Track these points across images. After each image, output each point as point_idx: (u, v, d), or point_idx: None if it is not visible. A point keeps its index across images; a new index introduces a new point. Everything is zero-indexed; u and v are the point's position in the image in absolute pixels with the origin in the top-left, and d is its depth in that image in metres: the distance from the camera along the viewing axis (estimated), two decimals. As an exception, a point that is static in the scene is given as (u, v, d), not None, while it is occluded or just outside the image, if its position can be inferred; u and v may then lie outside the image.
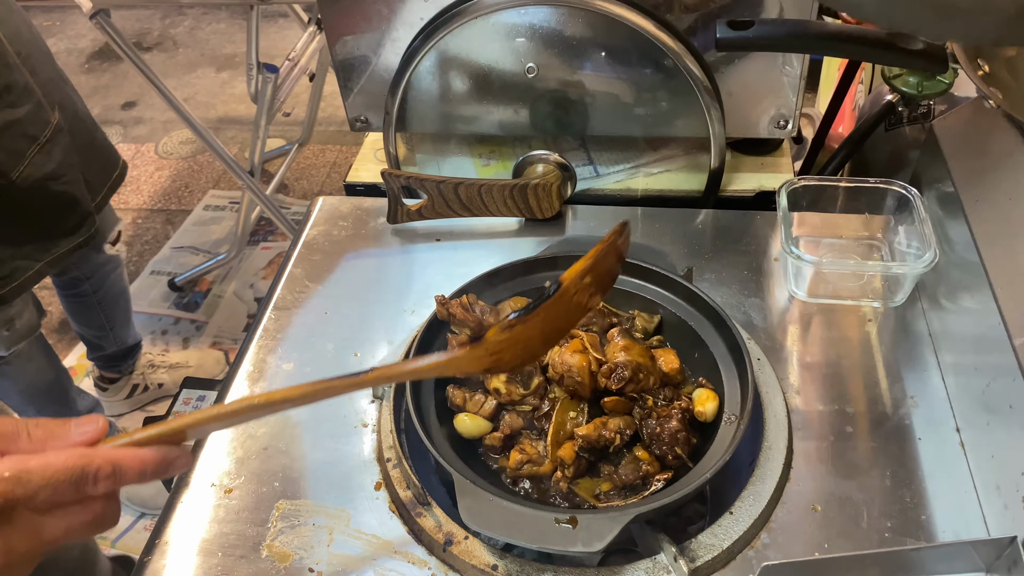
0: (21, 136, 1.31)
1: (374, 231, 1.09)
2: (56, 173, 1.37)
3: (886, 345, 0.89)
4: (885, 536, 0.73)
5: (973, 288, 0.81)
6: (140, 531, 1.89)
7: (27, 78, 1.34)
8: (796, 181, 0.98)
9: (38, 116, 1.34)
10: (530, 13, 1.02)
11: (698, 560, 0.70)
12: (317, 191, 2.87)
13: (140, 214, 2.80)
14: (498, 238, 1.07)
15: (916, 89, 1.11)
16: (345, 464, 0.81)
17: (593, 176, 1.18)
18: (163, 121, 3.19)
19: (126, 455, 0.54)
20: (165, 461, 0.56)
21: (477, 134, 1.19)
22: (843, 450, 0.80)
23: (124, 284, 1.95)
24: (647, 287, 0.88)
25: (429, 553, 0.73)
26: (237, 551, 0.75)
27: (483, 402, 0.79)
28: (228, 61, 3.56)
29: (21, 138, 1.31)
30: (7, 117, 1.28)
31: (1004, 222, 0.81)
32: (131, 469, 0.54)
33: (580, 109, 1.10)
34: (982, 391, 0.77)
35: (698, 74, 1.02)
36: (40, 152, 1.34)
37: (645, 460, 0.75)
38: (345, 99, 1.16)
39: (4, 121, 1.28)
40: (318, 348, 0.94)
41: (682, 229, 1.06)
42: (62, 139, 1.40)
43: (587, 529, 0.66)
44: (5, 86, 1.28)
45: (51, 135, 1.36)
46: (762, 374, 0.84)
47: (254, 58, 2.24)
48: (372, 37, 1.09)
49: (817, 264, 0.94)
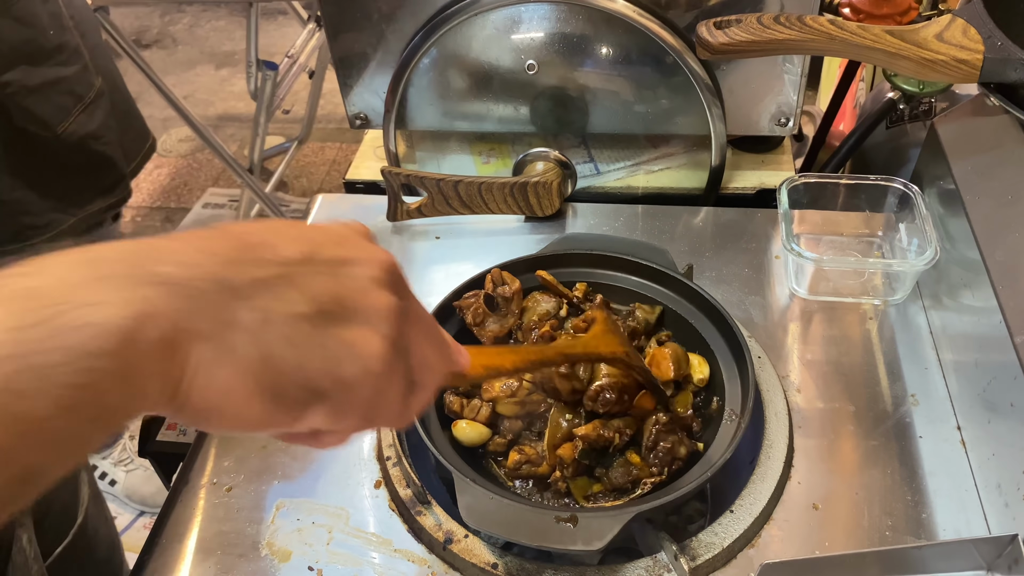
0: (68, 93, 1.39)
1: (374, 229, 1.07)
2: (97, 133, 1.46)
3: (887, 343, 0.89)
4: (886, 534, 0.72)
5: (974, 285, 0.81)
6: (140, 529, 1.88)
7: (78, 40, 1.42)
8: (797, 178, 0.98)
9: (84, 78, 1.42)
10: (531, 10, 1.01)
11: (698, 559, 0.70)
12: (317, 189, 2.86)
13: (139, 212, 2.79)
14: (498, 236, 1.07)
15: (917, 87, 1.11)
16: (345, 462, 0.81)
17: (593, 174, 1.17)
18: (162, 119, 3.18)
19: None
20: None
21: (477, 132, 1.19)
22: (844, 448, 0.79)
23: None
24: (647, 284, 0.88)
25: (429, 551, 0.73)
26: (237, 549, 0.74)
27: (479, 407, 0.78)
28: (227, 58, 3.56)
29: (68, 95, 1.39)
30: (58, 73, 1.36)
31: (1005, 219, 0.81)
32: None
33: (580, 106, 1.10)
34: (983, 389, 0.77)
35: (699, 71, 1.02)
36: (84, 112, 1.42)
37: (636, 464, 0.75)
38: (345, 96, 1.16)
39: (55, 77, 1.36)
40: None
41: (683, 227, 1.05)
42: (103, 103, 1.48)
43: (587, 528, 0.66)
44: (58, 45, 1.36)
45: (94, 97, 1.44)
46: (763, 372, 0.84)
47: (253, 55, 2.23)
48: (372, 34, 1.09)
49: (818, 261, 0.94)
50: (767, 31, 0.84)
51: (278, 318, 0.36)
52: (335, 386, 0.38)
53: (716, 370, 0.81)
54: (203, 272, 0.34)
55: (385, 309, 0.39)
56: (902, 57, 0.83)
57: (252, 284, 0.36)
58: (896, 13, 1.10)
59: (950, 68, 0.82)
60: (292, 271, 0.37)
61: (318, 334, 0.37)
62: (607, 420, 0.76)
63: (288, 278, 0.37)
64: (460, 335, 0.85)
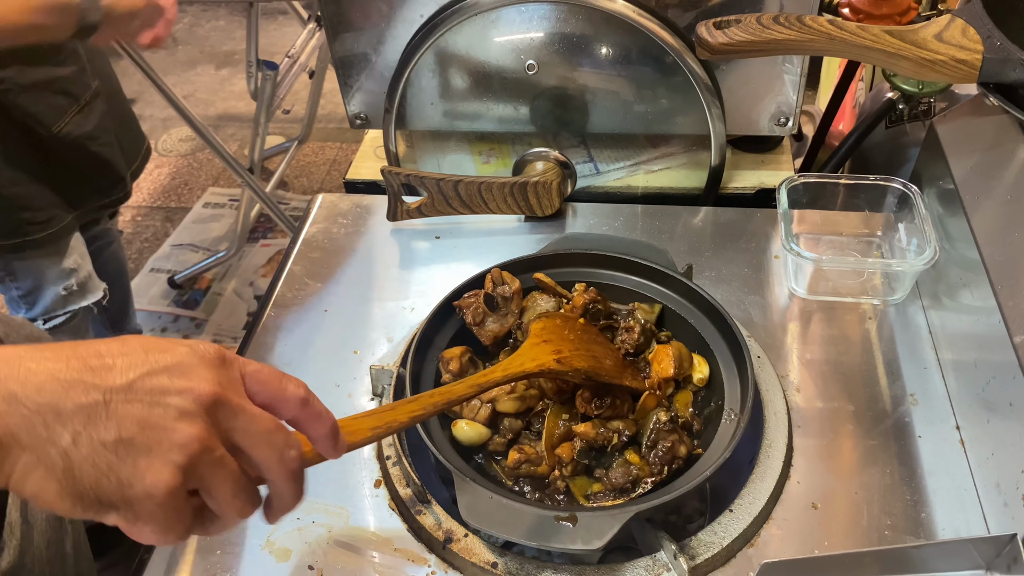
0: (63, 93, 1.40)
1: (374, 228, 1.08)
2: (93, 135, 1.47)
3: (886, 342, 0.89)
4: (885, 534, 0.73)
5: (973, 285, 0.81)
6: (140, 528, 1.88)
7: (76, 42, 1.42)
8: (796, 178, 0.98)
9: (80, 79, 1.44)
10: (530, 10, 1.02)
11: (698, 558, 0.70)
12: (317, 188, 2.86)
13: (140, 211, 2.79)
14: (498, 236, 1.07)
15: (917, 87, 1.11)
16: (345, 462, 0.80)
17: (593, 173, 1.17)
18: (162, 118, 3.18)
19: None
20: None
21: (477, 131, 1.19)
22: (843, 448, 0.80)
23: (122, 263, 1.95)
24: (647, 284, 0.88)
25: (429, 551, 0.73)
26: (237, 548, 0.75)
27: (479, 408, 0.78)
28: (228, 58, 3.56)
29: (63, 95, 1.40)
30: (53, 73, 1.38)
31: (1004, 219, 0.81)
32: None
33: (580, 106, 1.10)
34: (982, 388, 0.77)
35: (698, 71, 1.02)
36: (79, 113, 1.44)
37: (636, 464, 0.75)
38: (345, 96, 1.16)
39: (50, 76, 1.37)
40: (318, 346, 0.94)
41: (682, 226, 1.06)
42: (99, 105, 1.49)
43: (587, 527, 0.66)
44: (56, 46, 1.37)
45: (90, 99, 1.46)
46: (762, 372, 0.84)
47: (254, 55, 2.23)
48: (372, 34, 1.09)
49: (817, 261, 0.94)
50: (766, 31, 0.84)
51: (85, 441, 0.44)
52: (123, 503, 0.45)
53: (715, 370, 0.81)
54: (39, 396, 0.44)
55: (183, 441, 0.46)
56: (901, 57, 0.83)
57: (75, 409, 0.44)
58: (895, 13, 1.10)
59: (949, 68, 0.82)
60: (112, 399, 0.45)
61: (116, 459, 0.45)
62: (606, 420, 0.76)
63: (106, 406, 0.45)
64: (460, 335, 0.85)
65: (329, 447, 0.54)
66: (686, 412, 0.79)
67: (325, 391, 0.86)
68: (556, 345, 0.75)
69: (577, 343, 0.77)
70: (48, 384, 0.44)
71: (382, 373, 0.85)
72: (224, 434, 0.48)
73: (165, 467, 0.45)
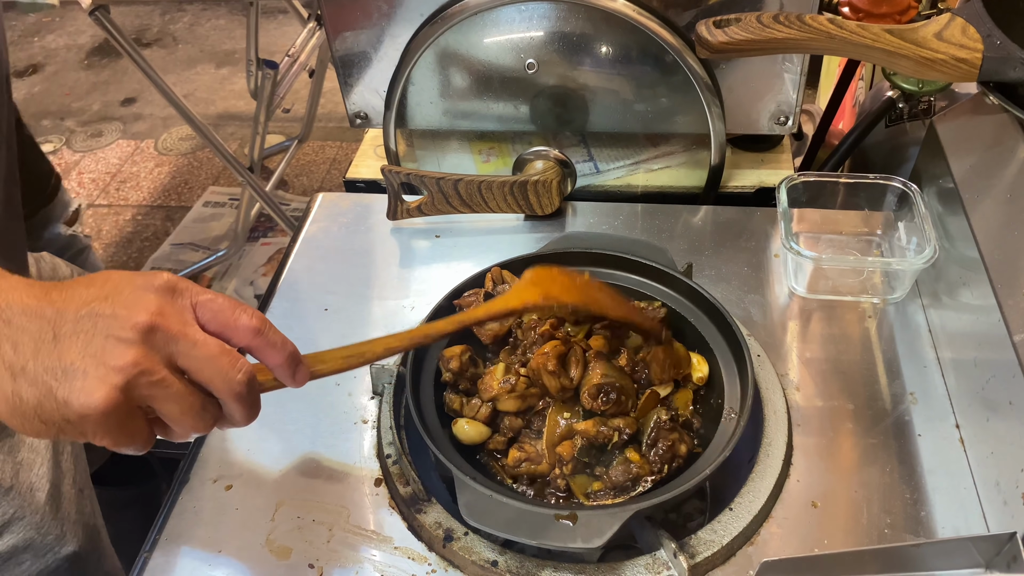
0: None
1: (374, 227, 1.09)
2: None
3: (886, 341, 0.89)
4: (885, 532, 0.73)
5: (973, 284, 0.81)
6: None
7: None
8: (796, 177, 0.98)
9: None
10: (530, 9, 1.02)
11: (697, 556, 0.70)
12: (317, 187, 2.87)
13: (140, 211, 2.79)
14: (498, 235, 1.07)
15: (917, 85, 1.11)
16: (345, 460, 0.81)
17: (593, 172, 1.17)
18: (163, 117, 3.18)
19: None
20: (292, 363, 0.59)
21: (477, 130, 1.19)
22: (843, 446, 0.80)
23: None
24: (647, 283, 0.88)
25: (429, 549, 0.73)
26: (237, 547, 0.75)
27: (479, 406, 0.78)
28: (228, 57, 3.56)
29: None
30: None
31: (1004, 218, 0.81)
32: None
33: (580, 105, 1.10)
34: (982, 387, 0.77)
35: (698, 70, 1.02)
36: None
37: (636, 462, 0.75)
38: (345, 95, 1.16)
39: None
40: (318, 345, 0.93)
41: (682, 225, 1.06)
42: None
43: (587, 525, 0.66)
44: None
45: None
46: (762, 370, 0.85)
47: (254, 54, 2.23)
48: (372, 33, 1.09)
49: (817, 260, 0.94)
50: (766, 30, 0.84)
51: (31, 368, 0.50)
52: (64, 422, 0.51)
53: (715, 368, 0.81)
54: (6, 328, 0.50)
55: (119, 365, 0.50)
56: (901, 56, 0.83)
57: (28, 340, 0.50)
58: (895, 12, 1.10)
59: (949, 67, 0.82)
60: (61, 328, 0.50)
61: (55, 383, 0.50)
62: (608, 417, 0.76)
63: (54, 334, 0.50)
64: (460, 333, 0.84)
65: (286, 375, 0.59)
66: (686, 411, 0.79)
67: (325, 390, 0.86)
68: (545, 287, 0.75)
69: (569, 285, 0.77)
70: (16, 318, 0.51)
71: (382, 372, 0.85)
72: (168, 358, 0.52)
73: (99, 388, 0.50)
